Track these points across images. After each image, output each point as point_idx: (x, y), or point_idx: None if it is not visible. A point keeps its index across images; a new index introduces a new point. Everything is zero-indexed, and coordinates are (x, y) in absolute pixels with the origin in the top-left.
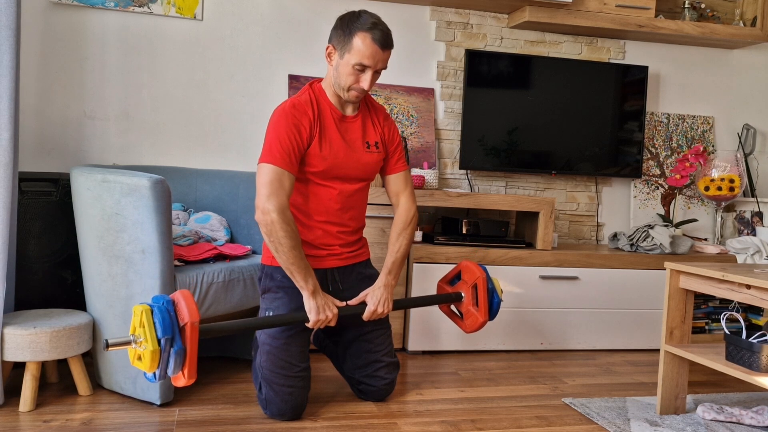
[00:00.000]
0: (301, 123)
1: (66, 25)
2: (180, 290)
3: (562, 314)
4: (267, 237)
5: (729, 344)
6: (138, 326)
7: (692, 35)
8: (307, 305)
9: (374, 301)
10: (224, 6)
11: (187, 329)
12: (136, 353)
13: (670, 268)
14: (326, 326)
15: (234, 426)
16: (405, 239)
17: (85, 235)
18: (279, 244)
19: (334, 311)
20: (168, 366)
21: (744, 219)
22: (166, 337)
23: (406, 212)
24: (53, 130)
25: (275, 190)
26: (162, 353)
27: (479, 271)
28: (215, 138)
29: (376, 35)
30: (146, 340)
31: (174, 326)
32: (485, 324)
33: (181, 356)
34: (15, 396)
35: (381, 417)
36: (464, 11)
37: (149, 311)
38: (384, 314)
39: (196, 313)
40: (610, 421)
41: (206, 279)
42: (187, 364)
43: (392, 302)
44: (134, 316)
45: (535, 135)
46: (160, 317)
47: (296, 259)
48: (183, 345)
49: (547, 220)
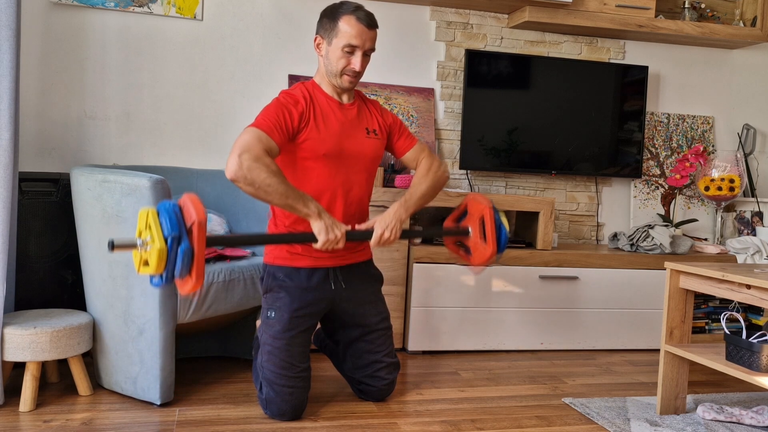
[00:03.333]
0: (293, 106)
1: (66, 25)
2: (186, 194)
3: (562, 314)
4: (251, 188)
5: (729, 344)
6: (144, 229)
7: (692, 35)
8: (315, 227)
9: (382, 226)
10: (224, 6)
11: (194, 229)
12: (142, 258)
13: (670, 268)
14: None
15: (234, 426)
16: (426, 182)
17: (85, 235)
18: (266, 186)
19: (342, 230)
20: (175, 267)
21: (744, 219)
22: (173, 235)
23: (426, 166)
24: (54, 130)
25: (249, 145)
26: (169, 253)
27: (486, 202)
28: (215, 138)
29: (360, 15)
30: (153, 240)
31: (181, 226)
32: (493, 257)
33: (189, 256)
34: (15, 396)
35: (381, 417)
36: (464, 11)
37: (155, 213)
38: (391, 241)
39: (203, 213)
40: (610, 421)
41: (206, 279)
42: (195, 265)
43: (401, 231)
44: (140, 220)
45: (535, 135)
46: (166, 216)
47: (289, 192)
48: (190, 245)
49: (547, 220)
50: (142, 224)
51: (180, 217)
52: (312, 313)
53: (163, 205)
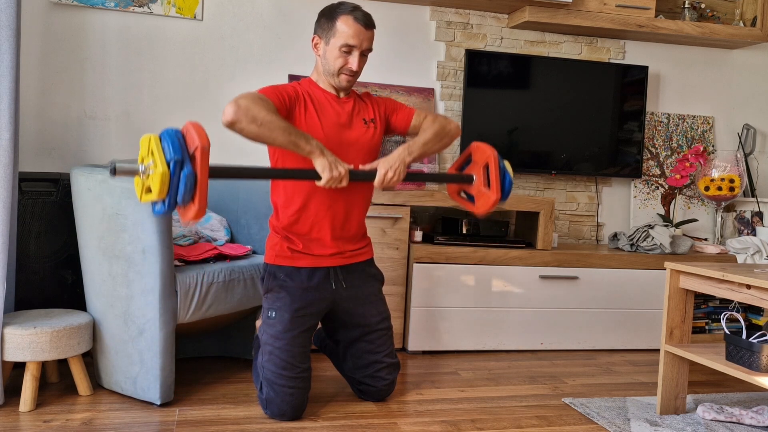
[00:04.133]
0: (284, 89)
1: (66, 25)
2: (189, 121)
3: (562, 314)
4: (254, 125)
5: (729, 344)
6: (146, 155)
7: (692, 35)
8: (318, 165)
9: (386, 167)
10: (224, 6)
11: (197, 154)
12: (144, 186)
13: (670, 268)
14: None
15: (234, 426)
16: (431, 130)
17: (85, 235)
18: (269, 123)
19: (345, 168)
20: (178, 192)
21: (744, 219)
22: (175, 159)
23: (432, 117)
24: (54, 130)
25: (245, 93)
26: (171, 177)
27: (490, 149)
28: (215, 138)
29: (358, 15)
30: (155, 165)
31: (184, 150)
32: (497, 203)
33: (191, 181)
34: (15, 396)
35: (381, 417)
36: (464, 11)
37: (158, 138)
38: (395, 182)
39: (206, 139)
40: (610, 421)
41: (206, 279)
42: (198, 191)
43: (404, 173)
44: (141, 147)
45: (535, 135)
46: (169, 141)
47: (290, 128)
48: (193, 170)
49: (547, 220)
50: (144, 150)
51: (183, 142)
52: (313, 313)
53: (165, 131)
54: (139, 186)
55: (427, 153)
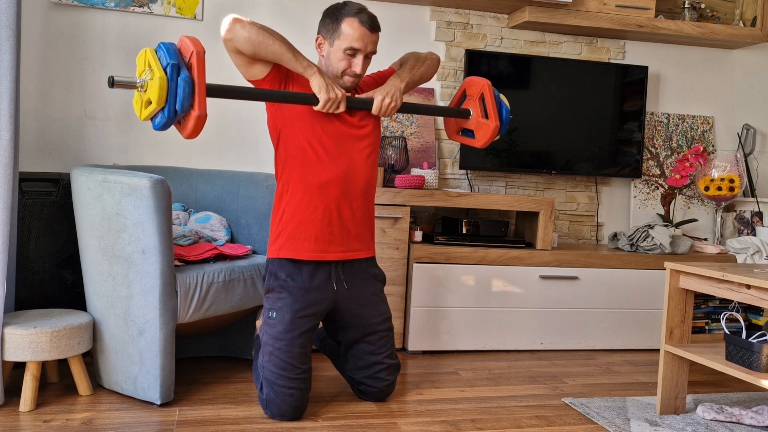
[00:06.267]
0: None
1: (66, 25)
2: (183, 35)
3: (562, 314)
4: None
5: (729, 344)
6: (144, 67)
7: (692, 35)
8: (315, 84)
9: (383, 93)
10: (224, 6)
11: (193, 59)
12: (143, 101)
13: (670, 268)
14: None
15: (234, 426)
16: (412, 57)
17: (85, 235)
18: (269, 30)
19: (342, 91)
20: (177, 99)
21: (744, 219)
22: (171, 63)
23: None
24: (54, 130)
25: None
26: (170, 82)
27: (484, 80)
28: (215, 138)
29: (363, 18)
30: (153, 73)
31: (179, 57)
32: (497, 131)
33: (189, 85)
34: (15, 396)
35: (381, 417)
36: (464, 11)
37: (153, 50)
38: (393, 108)
39: (201, 45)
40: (610, 420)
41: (207, 279)
42: (197, 94)
43: (401, 99)
44: (138, 62)
45: (535, 135)
46: (164, 49)
47: (289, 44)
48: (190, 74)
49: (547, 220)
50: (141, 64)
51: (178, 51)
52: (314, 313)
53: (161, 42)
54: (138, 103)
55: (416, 78)
